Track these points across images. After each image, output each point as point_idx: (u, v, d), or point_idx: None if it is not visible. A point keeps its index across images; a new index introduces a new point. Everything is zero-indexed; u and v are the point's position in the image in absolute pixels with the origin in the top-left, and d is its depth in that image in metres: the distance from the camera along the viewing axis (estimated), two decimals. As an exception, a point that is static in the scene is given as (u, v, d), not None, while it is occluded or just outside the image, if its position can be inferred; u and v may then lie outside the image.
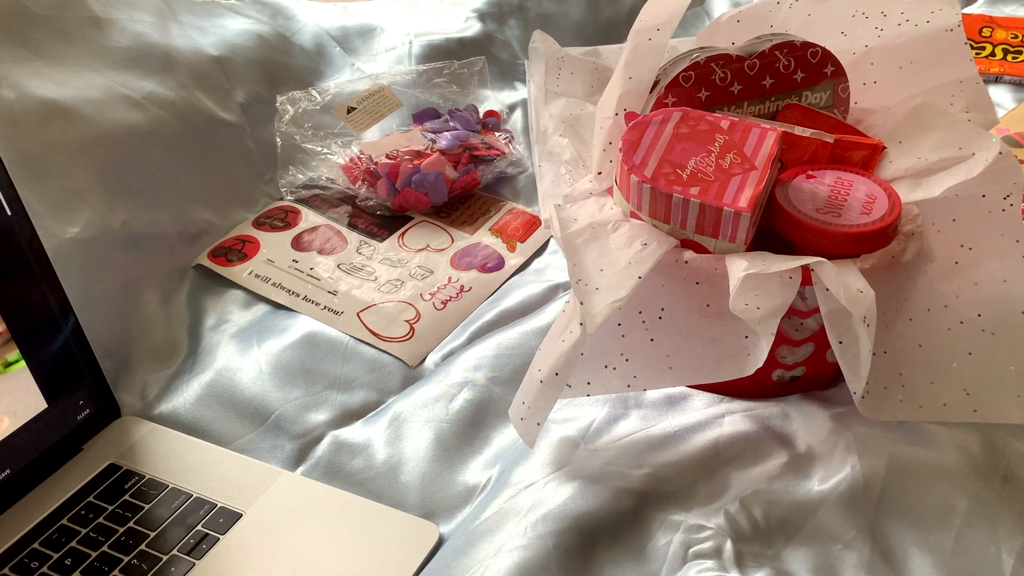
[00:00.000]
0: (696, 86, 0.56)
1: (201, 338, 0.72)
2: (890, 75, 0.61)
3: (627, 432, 0.58)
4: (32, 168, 0.71)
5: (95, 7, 0.86)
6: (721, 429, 0.57)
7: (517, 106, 1.06)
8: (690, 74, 0.55)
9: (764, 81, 0.57)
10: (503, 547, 0.50)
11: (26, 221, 0.57)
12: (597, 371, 0.54)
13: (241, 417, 0.65)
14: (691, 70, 0.55)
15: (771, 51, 0.56)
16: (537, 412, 0.52)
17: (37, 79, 0.76)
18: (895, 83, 0.62)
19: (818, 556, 0.50)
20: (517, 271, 0.82)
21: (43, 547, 0.53)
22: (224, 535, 0.54)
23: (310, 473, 0.61)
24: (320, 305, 0.75)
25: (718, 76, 0.56)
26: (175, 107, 0.85)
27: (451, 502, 0.58)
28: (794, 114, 0.59)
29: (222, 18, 1.00)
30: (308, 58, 1.04)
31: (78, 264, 0.70)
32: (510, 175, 0.96)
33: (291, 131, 0.93)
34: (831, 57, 0.58)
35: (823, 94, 0.59)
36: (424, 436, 0.62)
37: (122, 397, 0.65)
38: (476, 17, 1.17)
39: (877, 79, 0.62)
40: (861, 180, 0.54)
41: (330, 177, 0.91)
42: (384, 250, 0.83)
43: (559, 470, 0.55)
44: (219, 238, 0.83)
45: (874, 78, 0.62)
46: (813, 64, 0.58)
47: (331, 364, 0.69)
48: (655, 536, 0.52)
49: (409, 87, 1.02)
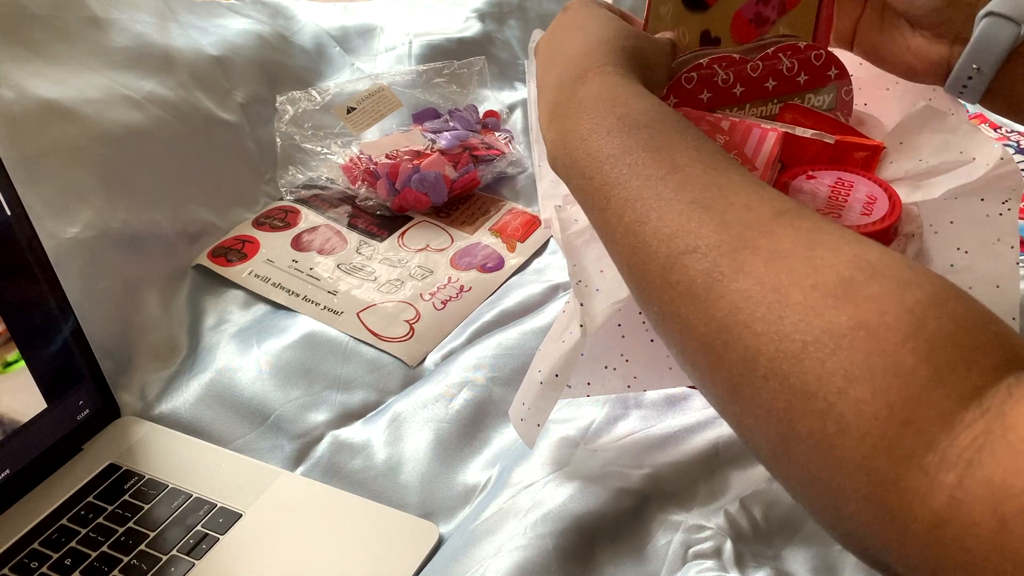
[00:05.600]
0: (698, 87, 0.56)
1: (201, 338, 0.72)
2: (878, 97, 0.62)
3: (627, 432, 0.58)
4: (32, 168, 0.71)
5: (95, 7, 0.85)
6: (721, 429, 0.57)
7: (517, 106, 1.06)
8: (692, 75, 0.55)
9: (767, 83, 0.57)
10: (503, 547, 0.50)
11: (26, 221, 0.57)
12: (597, 372, 0.54)
13: (241, 417, 0.65)
14: (693, 71, 0.55)
15: (775, 53, 0.56)
16: (537, 413, 0.52)
17: (37, 79, 0.76)
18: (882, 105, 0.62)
19: (818, 556, 0.50)
20: (517, 271, 0.82)
21: (43, 547, 0.53)
22: (224, 535, 0.54)
23: (310, 473, 0.61)
24: (320, 305, 0.75)
25: (720, 78, 0.56)
26: (175, 107, 0.85)
27: (451, 502, 0.58)
28: (793, 114, 0.59)
29: (222, 18, 1.00)
30: (308, 58, 1.04)
31: (78, 264, 0.70)
32: (510, 175, 0.96)
33: (291, 131, 0.93)
34: (835, 60, 0.58)
35: (826, 97, 0.59)
36: (424, 436, 0.62)
37: (122, 397, 0.65)
38: (476, 17, 1.17)
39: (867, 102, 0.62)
40: (862, 181, 0.54)
41: (330, 177, 0.91)
42: (384, 250, 0.83)
43: (559, 470, 0.55)
44: (219, 238, 0.83)
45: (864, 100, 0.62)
46: (816, 67, 0.57)
47: (331, 364, 0.69)
48: (655, 536, 0.52)
49: (409, 87, 1.02)
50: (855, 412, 0.26)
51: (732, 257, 0.32)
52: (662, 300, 0.34)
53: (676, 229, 0.34)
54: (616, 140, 0.39)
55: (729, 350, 0.30)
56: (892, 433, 0.25)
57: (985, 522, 0.23)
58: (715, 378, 0.32)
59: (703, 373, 0.33)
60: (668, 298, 0.34)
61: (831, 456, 0.27)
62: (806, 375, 0.27)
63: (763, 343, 0.29)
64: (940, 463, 0.24)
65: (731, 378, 0.30)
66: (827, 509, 0.28)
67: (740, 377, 0.30)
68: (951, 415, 0.25)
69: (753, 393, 0.29)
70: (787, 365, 0.28)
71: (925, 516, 0.24)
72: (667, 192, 0.36)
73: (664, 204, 0.35)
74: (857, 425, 0.26)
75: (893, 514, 0.25)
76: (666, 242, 0.34)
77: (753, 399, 0.29)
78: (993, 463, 0.23)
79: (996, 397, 0.25)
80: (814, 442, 0.27)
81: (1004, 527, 0.22)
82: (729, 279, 0.31)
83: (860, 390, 0.26)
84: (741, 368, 0.30)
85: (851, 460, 0.26)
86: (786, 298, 0.29)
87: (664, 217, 0.35)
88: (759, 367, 0.29)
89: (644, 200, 0.36)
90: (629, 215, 0.36)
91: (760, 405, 0.29)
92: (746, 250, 0.32)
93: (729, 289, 0.31)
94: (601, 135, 0.40)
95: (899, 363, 0.26)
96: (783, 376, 0.28)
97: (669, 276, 0.34)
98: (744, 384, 0.30)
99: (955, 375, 0.25)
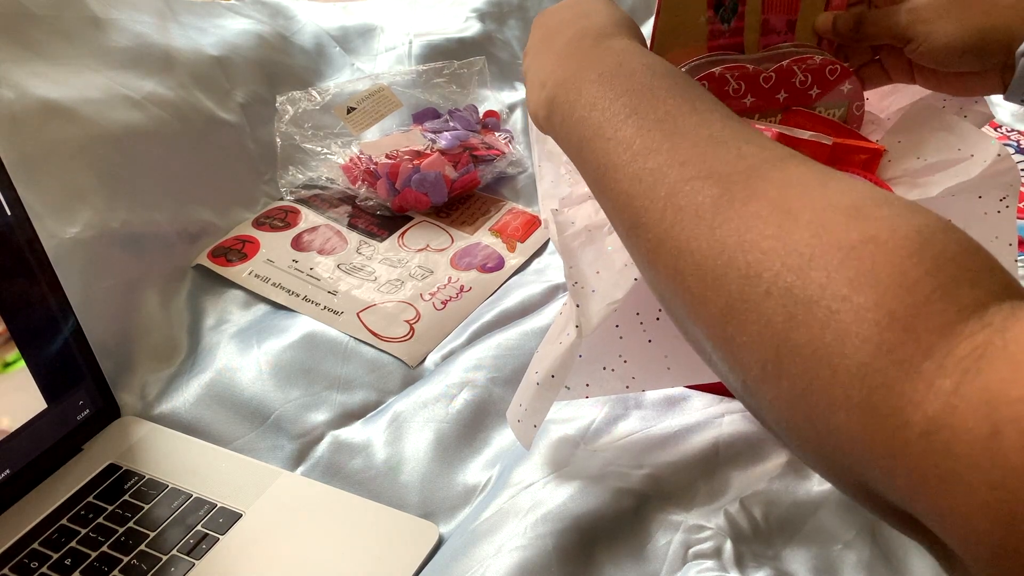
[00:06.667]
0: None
1: (201, 338, 0.72)
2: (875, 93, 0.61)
3: (627, 432, 0.58)
4: (32, 168, 0.71)
5: (95, 7, 0.86)
6: (721, 429, 0.57)
7: (517, 106, 1.06)
8: (703, 84, 0.55)
9: (778, 95, 0.57)
10: (503, 547, 0.50)
11: (26, 221, 0.57)
12: (596, 373, 0.54)
13: (241, 417, 0.65)
14: (704, 79, 0.55)
15: (789, 66, 0.56)
16: (534, 414, 0.52)
17: (37, 79, 0.76)
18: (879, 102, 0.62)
19: (818, 556, 0.50)
20: (517, 271, 0.82)
21: (43, 547, 0.53)
22: (224, 535, 0.54)
23: (310, 473, 0.61)
24: (320, 305, 0.75)
25: (732, 87, 0.56)
26: (175, 107, 0.85)
27: (451, 502, 0.58)
28: (797, 118, 0.59)
29: (222, 18, 1.00)
30: (308, 58, 1.04)
31: (78, 264, 0.70)
32: (510, 175, 0.96)
33: (291, 131, 0.93)
34: (849, 75, 0.57)
35: (836, 111, 0.58)
36: (424, 436, 0.62)
37: (122, 397, 0.65)
38: (476, 17, 1.17)
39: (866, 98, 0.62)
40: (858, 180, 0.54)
41: (330, 177, 0.91)
42: (384, 250, 0.83)
43: (559, 470, 0.55)
44: (219, 238, 0.83)
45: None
46: (831, 81, 0.57)
47: (331, 364, 0.69)
48: (655, 536, 0.52)
49: (409, 87, 1.02)
50: (857, 319, 0.26)
51: (744, 184, 0.32)
52: (662, 224, 0.34)
53: (690, 157, 0.34)
54: (639, 79, 0.39)
55: (731, 269, 0.30)
56: (892, 338, 0.25)
57: (977, 428, 0.23)
58: (710, 302, 0.32)
59: (696, 300, 0.32)
60: (671, 222, 0.34)
61: (827, 365, 0.27)
62: (810, 285, 0.28)
63: (769, 259, 0.29)
64: (937, 370, 0.24)
65: (728, 298, 0.30)
66: (813, 424, 0.28)
67: (739, 295, 0.30)
68: (952, 326, 0.25)
69: (751, 311, 0.29)
70: (792, 277, 0.28)
71: (918, 422, 0.24)
72: (685, 126, 0.36)
73: (679, 135, 0.36)
74: (857, 331, 0.26)
75: (885, 420, 0.25)
76: (677, 168, 0.34)
77: (751, 317, 0.30)
78: (991, 371, 0.23)
79: (999, 314, 0.25)
80: (811, 351, 0.27)
81: (996, 433, 0.22)
82: (740, 202, 0.31)
83: (864, 298, 0.26)
84: (741, 286, 0.30)
85: (847, 367, 0.26)
86: (797, 218, 0.30)
87: (678, 146, 0.35)
88: (761, 283, 0.29)
89: (660, 129, 0.36)
90: (640, 142, 0.36)
91: (757, 321, 0.29)
92: (759, 178, 0.32)
93: (739, 212, 0.31)
94: (624, 75, 0.40)
95: (905, 273, 0.26)
96: (786, 288, 0.28)
97: (675, 199, 0.34)
98: (743, 302, 0.30)
99: (959, 290, 0.26)
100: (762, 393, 0.30)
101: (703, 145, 0.35)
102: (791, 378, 0.28)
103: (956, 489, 0.23)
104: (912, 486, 0.25)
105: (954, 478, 0.23)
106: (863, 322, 0.26)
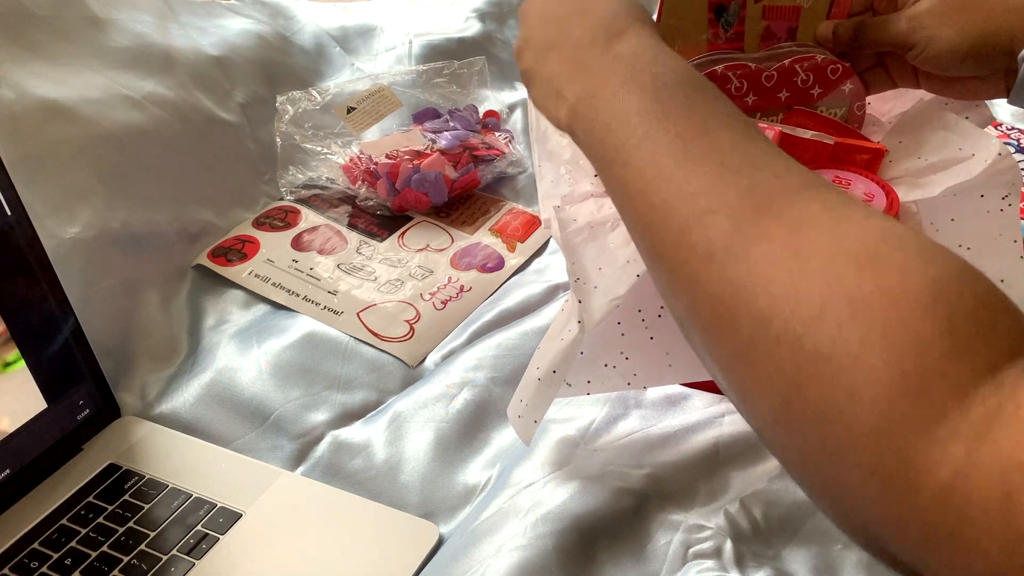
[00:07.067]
0: None
1: (201, 338, 0.72)
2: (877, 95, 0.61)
3: (627, 432, 0.58)
4: (32, 168, 0.71)
5: (95, 7, 0.86)
6: (721, 429, 0.57)
7: (517, 106, 1.06)
8: None
9: (780, 94, 0.57)
10: (503, 547, 0.50)
11: (26, 221, 0.57)
12: (597, 370, 0.54)
13: (241, 417, 0.65)
14: (707, 77, 0.55)
15: (791, 65, 0.56)
16: (534, 410, 0.52)
17: (37, 79, 0.76)
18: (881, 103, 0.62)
19: (818, 556, 0.50)
20: (517, 271, 0.82)
21: (43, 547, 0.53)
22: (224, 535, 0.54)
23: (310, 473, 0.61)
24: (320, 305, 0.75)
25: (734, 85, 0.56)
26: (175, 107, 0.85)
27: (451, 502, 0.58)
28: (798, 118, 0.59)
29: (222, 18, 1.00)
30: (308, 58, 1.04)
31: (78, 264, 0.70)
32: (510, 175, 0.96)
33: (291, 131, 0.93)
34: (851, 75, 0.57)
35: (838, 111, 0.58)
36: (424, 436, 0.62)
37: (122, 397, 0.65)
38: (476, 17, 1.17)
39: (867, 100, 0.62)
40: (859, 179, 0.54)
41: (330, 177, 0.91)
42: (384, 250, 0.83)
43: (559, 470, 0.55)
44: (219, 238, 0.83)
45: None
46: (832, 80, 0.57)
47: (331, 364, 0.69)
48: (655, 536, 0.52)
49: (409, 87, 1.02)
50: (868, 379, 0.25)
51: (755, 222, 0.31)
52: (676, 260, 0.34)
53: (701, 189, 0.34)
54: (650, 96, 0.39)
55: (742, 312, 0.30)
56: (904, 402, 0.25)
57: (990, 494, 0.23)
58: (723, 342, 0.31)
59: (710, 337, 0.32)
60: (683, 258, 0.33)
61: (839, 423, 0.26)
62: (820, 339, 0.27)
63: (779, 305, 0.29)
64: (950, 435, 0.24)
65: (740, 342, 0.30)
66: (827, 481, 0.28)
67: (750, 340, 0.29)
68: (965, 388, 0.24)
69: (762, 357, 0.29)
70: (802, 328, 0.28)
71: (930, 487, 0.24)
72: (696, 152, 0.35)
73: (691, 163, 0.35)
74: (869, 392, 0.25)
75: (897, 485, 0.25)
76: (689, 200, 0.34)
77: (761, 363, 0.29)
78: (1004, 437, 0.23)
79: (1011, 374, 0.24)
80: (822, 408, 0.27)
81: (1009, 499, 0.22)
82: (751, 242, 0.31)
83: (876, 357, 0.26)
84: (752, 331, 0.29)
85: (859, 428, 0.26)
86: (808, 263, 0.29)
87: (690, 176, 0.34)
88: (772, 329, 0.28)
89: (671, 156, 0.36)
90: (652, 171, 0.36)
91: (768, 369, 0.29)
92: (770, 216, 0.31)
93: (749, 252, 0.31)
94: (634, 90, 0.39)
95: (918, 333, 0.25)
96: (796, 339, 0.28)
97: (687, 236, 0.33)
98: (753, 348, 0.29)
99: (973, 350, 0.25)
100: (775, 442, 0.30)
101: (714, 174, 0.34)
102: (802, 434, 0.28)
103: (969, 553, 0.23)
104: (924, 548, 0.25)
105: (967, 543, 0.23)
106: (875, 384, 0.25)
